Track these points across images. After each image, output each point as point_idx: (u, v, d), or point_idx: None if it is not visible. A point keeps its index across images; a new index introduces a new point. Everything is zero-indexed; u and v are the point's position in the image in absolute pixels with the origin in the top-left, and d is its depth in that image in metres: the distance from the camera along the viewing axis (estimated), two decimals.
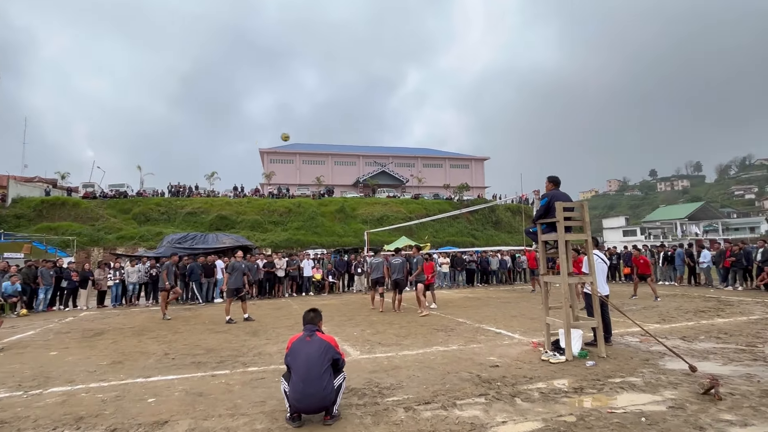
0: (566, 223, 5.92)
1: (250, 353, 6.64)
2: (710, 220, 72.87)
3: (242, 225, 37.47)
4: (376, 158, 66.03)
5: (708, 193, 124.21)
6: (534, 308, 10.74)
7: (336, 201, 45.58)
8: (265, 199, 44.29)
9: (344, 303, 13.36)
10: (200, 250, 17.88)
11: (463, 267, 19.13)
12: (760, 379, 4.66)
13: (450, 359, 5.92)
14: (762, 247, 14.13)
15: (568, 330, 5.71)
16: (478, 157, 73.20)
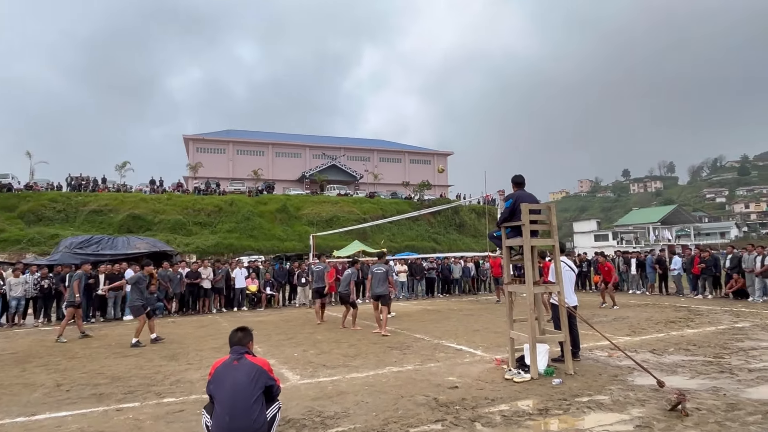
0: (532, 226, 6.17)
1: (166, 381, 6.38)
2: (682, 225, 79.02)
3: (161, 226, 35.90)
4: (326, 150, 65.67)
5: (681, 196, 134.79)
6: (498, 321, 11.09)
7: (277, 199, 44.83)
8: (189, 196, 42.76)
9: (284, 319, 13.16)
10: (107, 256, 16.94)
11: (422, 275, 19.43)
12: (726, 392, 5.10)
13: (404, 381, 5.97)
14: (731, 253, 15.52)
15: (534, 345, 5.94)
16: (441, 152, 74.82)
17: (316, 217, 41.88)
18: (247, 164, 58.06)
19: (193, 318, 14.07)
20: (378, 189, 58.39)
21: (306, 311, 15.16)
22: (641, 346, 7.78)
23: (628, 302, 14.94)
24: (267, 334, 10.27)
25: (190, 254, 30.29)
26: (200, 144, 60.56)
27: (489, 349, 7.85)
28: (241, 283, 16.07)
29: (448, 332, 9.88)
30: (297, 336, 10.00)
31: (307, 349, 8.46)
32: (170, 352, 8.56)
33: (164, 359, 7.90)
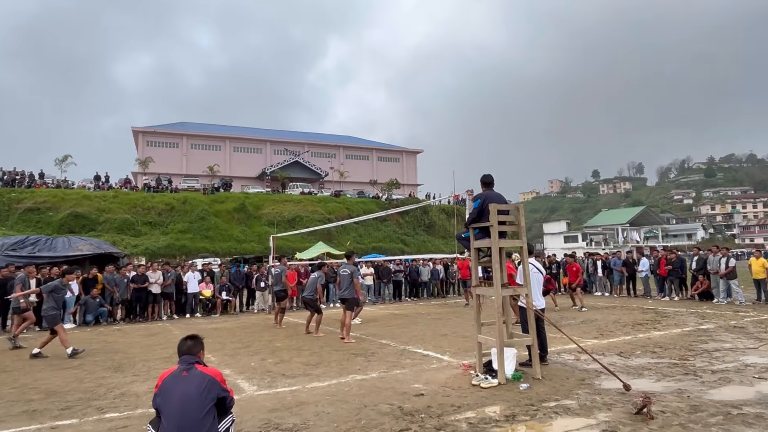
0: (501, 228, 6.30)
1: (109, 395, 6.16)
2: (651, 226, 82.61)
3: (106, 226, 34.70)
4: (288, 145, 64.98)
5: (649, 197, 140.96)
6: (467, 324, 11.23)
7: (234, 197, 44.07)
8: (138, 193, 41.53)
9: (241, 326, 12.96)
10: (45, 259, 16.18)
11: (389, 278, 19.52)
12: (690, 394, 5.36)
13: (368, 389, 5.97)
14: (696, 255, 16.34)
15: (501, 349, 6.06)
16: (410, 150, 75.38)
17: (277, 216, 41.38)
18: (202, 159, 56.74)
19: (141, 326, 13.66)
20: (344, 187, 58.29)
21: (265, 317, 14.96)
22: (609, 348, 8.06)
23: (596, 304, 15.45)
24: (222, 342, 10.07)
25: (139, 256, 29.39)
26: (151, 137, 58.74)
27: (456, 354, 7.96)
28: (194, 287, 15.74)
29: (415, 337, 9.95)
30: (254, 344, 9.85)
31: (265, 357, 8.35)
32: (114, 362, 8.27)
33: (107, 371, 7.62)
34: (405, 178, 68.78)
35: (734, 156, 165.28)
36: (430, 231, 48.21)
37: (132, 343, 10.52)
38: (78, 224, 33.98)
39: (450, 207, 49.15)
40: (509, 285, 6.63)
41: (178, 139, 60.00)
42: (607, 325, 10.77)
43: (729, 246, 15.83)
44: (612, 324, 10.97)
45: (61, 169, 46.29)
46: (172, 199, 40.23)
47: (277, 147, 64.72)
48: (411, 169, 73.15)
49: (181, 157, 59.10)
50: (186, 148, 59.83)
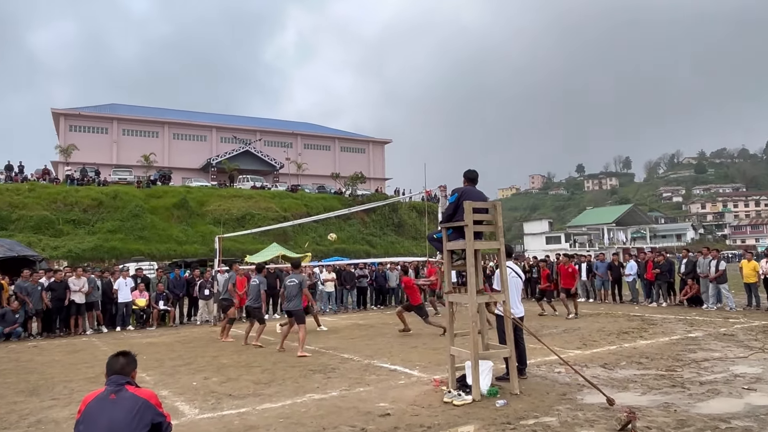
0: (476, 227, 6.40)
1: (22, 422, 5.96)
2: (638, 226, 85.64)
3: (20, 225, 33.42)
4: (238, 132, 63.97)
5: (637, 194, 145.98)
6: (438, 336, 11.40)
7: (174, 191, 43.14)
8: (59, 186, 40.13)
9: (181, 340, 12.73)
10: None
11: (353, 284, 19.51)
12: (677, 407, 5.59)
13: (327, 410, 5.96)
14: (686, 257, 17.02)
15: (476, 362, 6.16)
16: (377, 140, 75.55)
17: (224, 214, 40.73)
18: (136, 147, 55.13)
19: (62, 341, 13.20)
20: (302, 181, 57.88)
21: (209, 330, 14.73)
22: (592, 360, 8.32)
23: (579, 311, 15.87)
24: (159, 359, 9.85)
25: (60, 260, 28.42)
26: (75, 121, 56.59)
27: (427, 369, 8.03)
28: (125, 296, 15.33)
29: (381, 350, 9.99)
30: (197, 360, 9.69)
31: (209, 376, 8.23)
32: (30, 384, 7.98)
33: (21, 394, 7.36)
34: (371, 172, 68.89)
35: (726, 151, 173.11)
36: (399, 231, 48.49)
37: (50, 361, 10.17)
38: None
39: (421, 204, 49.54)
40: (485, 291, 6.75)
41: (108, 124, 58.07)
42: (590, 334, 11.08)
43: (719, 248, 16.56)
44: (596, 333, 11.29)
45: None
46: (100, 194, 39.10)
47: (224, 134, 63.55)
48: (378, 161, 73.31)
49: (110, 144, 57.22)
50: (117, 134, 57.95)
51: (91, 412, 3.55)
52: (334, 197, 49.96)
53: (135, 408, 3.55)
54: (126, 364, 3.82)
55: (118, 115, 59.59)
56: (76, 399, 6.83)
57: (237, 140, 62.26)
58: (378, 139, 76.04)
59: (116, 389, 3.66)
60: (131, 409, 3.55)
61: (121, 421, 3.49)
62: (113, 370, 3.79)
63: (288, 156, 62.07)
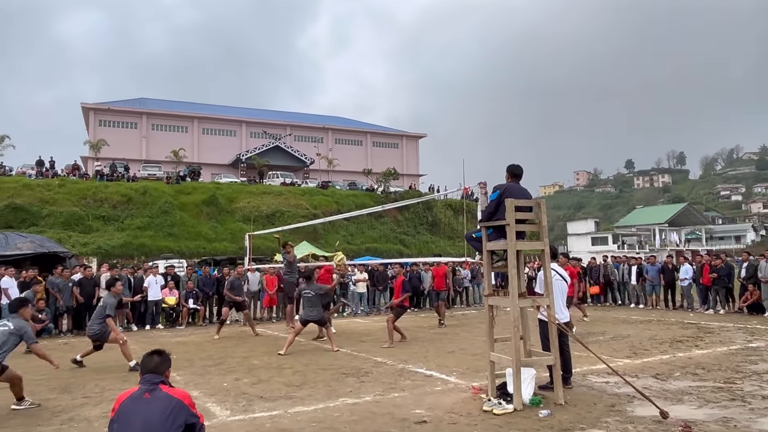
0: (519, 227, 6.33)
1: (55, 419, 6.18)
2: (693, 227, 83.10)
3: (50, 221, 34.63)
4: (268, 127, 64.85)
5: (692, 192, 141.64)
6: (477, 340, 11.31)
7: (204, 188, 43.99)
8: (89, 182, 41.39)
9: (211, 339, 12.97)
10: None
11: (385, 285, 19.53)
12: (737, 423, 5.42)
13: (361, 416, 6.00)
14: (746, 260, 16.44)
15: (518, 369, 6.11)
16: (411, 134, 75.43)
17: (254, 211, 41.33)
18: (165, 142, 56.49)
19: None
20: (332, 177, 58.24)
21: (239, 329, 14.99)
22: (643, 370, 8.14)
23: (629, 317, 15.56)
24: (189, 358, 10.09)
25: (89, 257, 29.36)
26: (104, 115, 58.38)
27: (465, 375, 8.00)
28: (155, 294, 15.71)
29: (415, 354, 9.97)
30: (227, 360, 9.87)
31: (240, 377, 8.38)
32: (61, 381, 8.27)
33: (53, 391, 7.65)
34: (405, 168, 68.77)
35: None
36: (433, 230, 48.28)
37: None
38: (17, 218, 33.85)
39: (457, 202, 49.21)
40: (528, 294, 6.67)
41: (137, 118, 59.70)
42: (641, 342, 10.85)
43: None
44: (647, 341, 11.05)
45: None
46: (130, 190, 40.10)
47: (254, 129, 64.49)
48: (412, 156, 73.15)
49: (140, 139, 58.80)
50: (146, 128, 59.52)
51: (126, 411, 3.66)
52: (365, 194, 50.10)
53: (169, 408, 3.65)
54: (160, 363, 3.93)
55: (148, 110, 61.13)
56: (107, 397, 7.06)
57: (267, 135, 63.06)
58: (412, 133, 75.88)
59: (150, 388, 3.76)
60: (165, 409, 3.65)
61: (155, 421, 3.59)
62: (147, 369, 3.90)
63: (318, 151, 62.52)
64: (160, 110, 62.01)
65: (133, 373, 8.41)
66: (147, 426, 3.57)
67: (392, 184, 53.09)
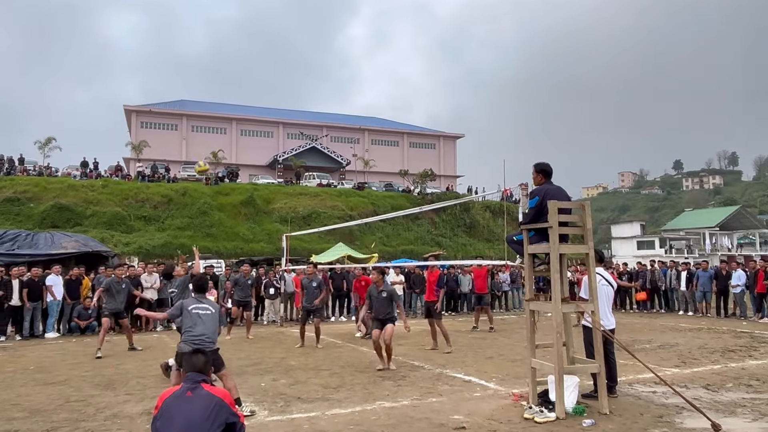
0: (562, 229, 6.23)
1: (98, 416, 6.38)
2: (746, 231, 79.86)
3: (94, 221, 35.71)
4: (304, 128, 65.64)
5: (745, 195, 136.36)
6: (517, 346, 11.20)
7: (242, 188, 44.72)
8: (131, 183, 42.56)
9: (249, 340, 13.20)
10: (25, 257, 16.82)
11: (422, 288, 19.46)
12: None
13: (399, 419, 6.01)
14: None
15: (560, 377, 6.01)
16: (449, 134, 75.08)
17: (290, 212, 41.79)
18: (204, 144, 57.79)
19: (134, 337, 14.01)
20: (369, 179, 58.45)
21: (276, 330, 15.19)
22: (693, 380, 7.93)
23: (677, 325, 15.14)
24: (227, 358, 10.10)
25: (131, 256, 30.17)
26: (146, 117, 60.20)
27: (504, 382, 7.94)
28: None
29: (453, 359, 9.95)
30: (265, 361, 10.02)
31: (277, 377, 8.50)
32: (104, 378, 8.54)
33: (97, 387, 7.89)
34: (442, 168, 68.51)
35: None
36: (471, 232, 47.83)
37: (123, 356, 10.83)
38: (62, 218, 35.04)
39: (497, 204, 48.67)
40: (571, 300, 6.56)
41: (177, 120, 61.26)
42: (690, 351, 10.59)
43: None
44: (697, 350, 10.78)
45: (44, 153, 47.93)
46: (170, 190, 40.99)
47: (291, 130, 65.35)
48: (449, 157, 72.80)
49: (180, 140, 60.34)
50: (186, 130, 61.03)
51: (169, 409, 3.76)
52: (402, 195, 50.03)
53: (210, 407, 3.73)
54: (203, 362, 4.03)
55: (188, 111, 62.65)
56: (149, 395, 7.26)
57: (303, 136, 63.78)
58: (449, 133, 75.51)
59: (192, 387, 3.85)
60: (206, 408, 3.73)
61: (197, 419, 3.67)
62: (190, 367, 4.00)
63: (355, 152, 62.88)
64: (199, 112, 63.47)
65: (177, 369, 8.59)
66: (189, 424, 3.65)
67: (429, 185, 52.89)
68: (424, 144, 72.32)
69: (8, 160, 43.10)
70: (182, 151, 59.34)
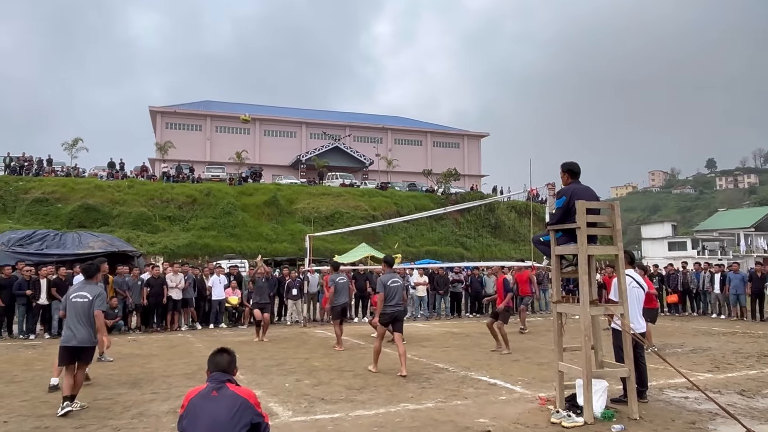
0: (590, 230, 6.15)
1: (125, 414, 6.50)
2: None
3: (120, 221, 36.42)
4: (327, 128, 65.95)
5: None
6: (543, 349, 11.11)
7: (265, 189, 45.11)
8: (156, 183, 43.25)
9: (272, 340, 13.29)
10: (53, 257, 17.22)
11: (446, 290, 19.43)
12: None
13: (423, 422, 6.01)
14: None
15: (589, 381, 5.93)
16: (473, 133, 74.68)
17: (313, 212, 42.03)
18: (228, 144, 58.51)
19: (159, 336, 14.29)
20: (392, 178, 58.43)
21: (299, 330, 15.29)
22: (727, 385, 7.78)
23: (710, 329, 14.83)
24: (251, 358, 10.39)
25: (156, 256, 30.66)
26: (170, 118, 61.17)
27: (531, 385, 7.88)
28: (219, 293, 16.19)
29: (478, 362, 9.90)
30: (288, 361, 10.11)
31: (301, 378, 8.56)
32: (131, 377, 8.70)
33: (123, 386, 8.04)
34: (466, 168, 68.20)
35: None
36: (496, 233, 47.51)
37: (149, 355, 11.03)
38: (89, 218, 35.81)
39: (522, 204, 48.25)
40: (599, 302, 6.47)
41: (202, 121, 62.10)
42: (724, 356, 10.39)
43: None
44: (731, 354, 10.57)
45: (71, 154, 48.99)
46: (194, 191, 41.53)
47: (313, 130, 65.73)
48: (474, 156, 72.44)
49: (204, 141, 61.14)
50: (210, 131, 61.83)
51: (195, 408, 3.81)
52: (425, 195, 49.92)
53: (236, 407, 3.77)
54: (228, 361, 4.06)
55: (211, 112, 63.45)
56: (174, 394, 7.38)
57: (326, 136, 64.09)
58: (474, 132, 75.09)
59: (218, 386, 3.90)
60: (231, 408, 3.77)
61: (222, 418, 3.72)
62: (215, 366, 4.05)
63: (378, 152, 62.93)
64: (223, 112, 64.19)
65: (200, 371, 8.72)
66: (214, 423, 3.70)
67: (453, 185, 52.69)
68: (448, 143, 72.07)
69: (37, 162, 44.17)
70: (206, 152, 60.12)
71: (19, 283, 13.89)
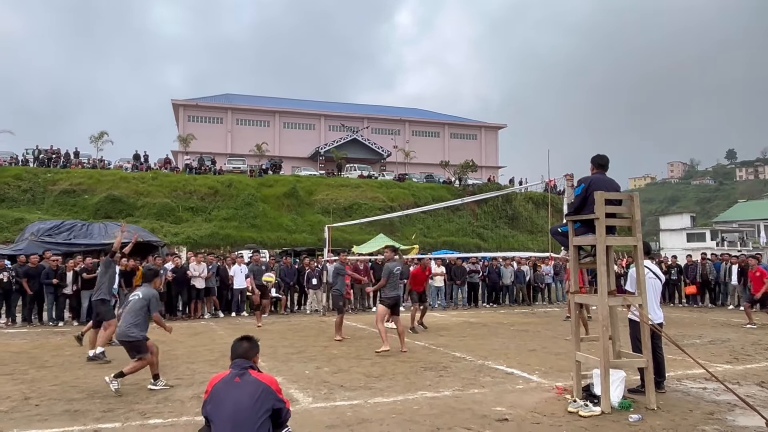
0: (609, 221, 6.07)
1: (151, 399, 6.61)
2: None
3: (144, 212, 36.93)
4: (346, 120, 65.99)
5: None
6: (560, 339, 11.05)
7: (285, 180, 45.37)
8: (179, 175, 43.73)
9: (293, 328, 13.40)
10: (80, 246, 17.55)
11: (463, 280, 19.40)
12: None
13: (441, 409, 6.02)
14: None
15: (606, 371, 5.89)
16: (490, 125, 74.18)
17: (332, 203, 42.22)
18: (249, 137, 58.88)
19: (182, 324, 14.45)
20: (409, 170, 58.37)
21: (319, 320, 15.39)
22: (745, 377, 7.68)
23: (729, 320, 14.62)
24: (272, 345, 10.49)
25: (180, 246, 31.04)
26: (192, 111, 61.71)
27: (548, 375, 7.85)
28: (240, 282, 16.31)
29: (495, 351, 9.89)
30: (309, 349, 10.19)
31: (320, 365, 8.63)
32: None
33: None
34: (483, 159, 67.80)
35: None
36: (513, 224, 47.25)
37: (173, 342, 11.12)
38: (115, 209, 36.38)
39: (540, 195, 47.87)
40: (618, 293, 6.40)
41: (223, 114, 62.59)
42: (743, 347, 10.24)
43: None
44: (750, 346, 10.41)
45: (98, 147, 49.77)
46: (216, 182, 41.96)
47: (332, 122, 65.86)
48: (491, 148, 72.02)
49: (225, 134, 61.65)
50: (231, 124, 62.31)
51: (218, 394, 3.87)
52: (442, 187, 49.78)
53: (258, 392, 3.81)
54: (250, 348, 4.11)
55: (232, 105, 63.92)
56: (198, 380, 7.49)
57: (345, 128, 64.16)
58: (491, 124, 74.59)
59: (240, 372, 3.95)
60: (254, 394, 3.82)
61: (245, 404, 3.77)
62: (238, 354, 4.09)
63: (395, 144, 62.86)
64: (243, 105, 64.63)
65: (223, 358, 8.82)
66: (237, 409, 3.75)
67: (470, 176, 52.46)
68: (466, 135, 71.70)
69: (64, 154, 44.92)
70: (227, 144, 60.61)
71: (46, 272, 14.13)
